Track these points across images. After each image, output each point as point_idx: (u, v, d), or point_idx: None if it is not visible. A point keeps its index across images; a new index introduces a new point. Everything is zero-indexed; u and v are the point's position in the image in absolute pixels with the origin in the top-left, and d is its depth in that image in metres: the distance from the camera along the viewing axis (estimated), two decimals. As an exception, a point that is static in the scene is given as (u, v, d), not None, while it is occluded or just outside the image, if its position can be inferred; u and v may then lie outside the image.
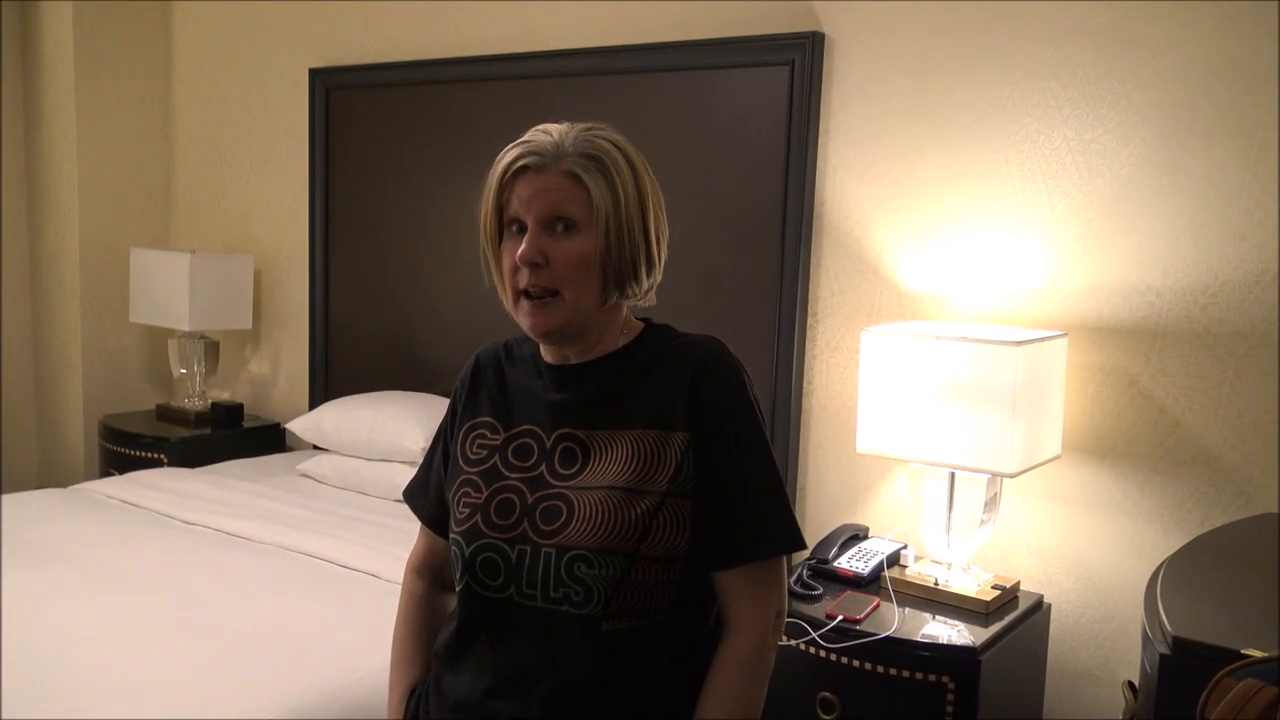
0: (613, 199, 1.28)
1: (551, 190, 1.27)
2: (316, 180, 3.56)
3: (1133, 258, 2.21)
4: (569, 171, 1.27)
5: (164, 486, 2.96)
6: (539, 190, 1.27)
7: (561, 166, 1.27)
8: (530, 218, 1.27)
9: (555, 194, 1.27)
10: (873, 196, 2.52)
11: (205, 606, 2.11)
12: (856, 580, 2.23)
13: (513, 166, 1.28)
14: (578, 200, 1.27)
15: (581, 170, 1.27)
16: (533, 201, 1.27)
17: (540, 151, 1.28)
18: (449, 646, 1.37)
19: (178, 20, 4.04)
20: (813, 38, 2.53)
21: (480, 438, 1.39)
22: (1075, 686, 2.33)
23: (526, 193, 1.27)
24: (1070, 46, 2.25)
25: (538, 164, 1.27)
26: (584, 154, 1.28)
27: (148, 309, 3.68)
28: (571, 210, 1.27)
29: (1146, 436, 2.22)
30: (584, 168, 1.27)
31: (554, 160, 1.27)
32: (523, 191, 1.28)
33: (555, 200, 1.27)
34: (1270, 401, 2.09)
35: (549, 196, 1.27)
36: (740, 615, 1.31)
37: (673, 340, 1.38)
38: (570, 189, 1.27)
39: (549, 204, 1.27)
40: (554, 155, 1.27)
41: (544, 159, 1.27)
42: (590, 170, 1.27)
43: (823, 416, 2.62)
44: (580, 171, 1.27)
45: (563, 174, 1.27)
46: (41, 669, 1.80)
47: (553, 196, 1.27)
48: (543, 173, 1.27)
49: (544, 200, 1.27)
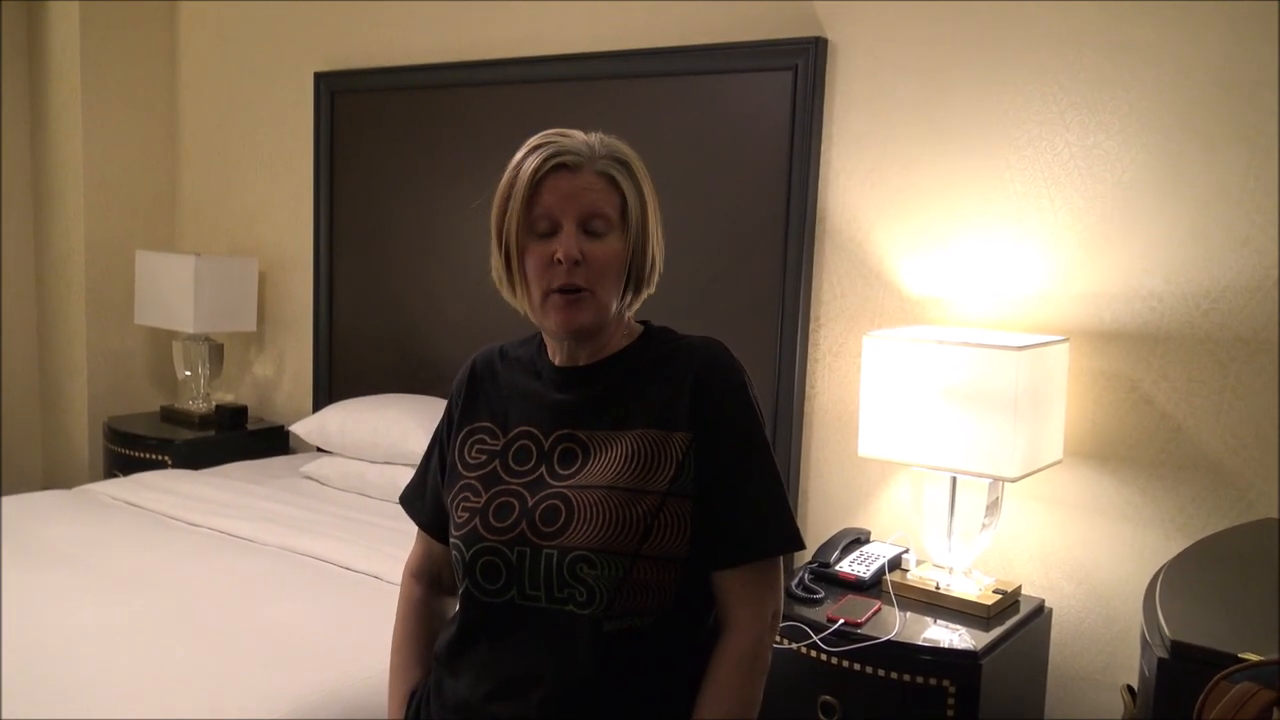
0: (640, 203, 1.32)
1: (588, 190, 1.28)
2: (321, 183, 3.57)
3: (1134, 263, 2.22)
4: (604, 173, 1.29)
5: (168, 488, 2.97)
6: (577, 189, 1.28)
7: (596, 167, 1.29)
8: (567, 216, 1.28)
9: (592, 194, 1.28)
10: (875, 201, 2.53)
11: (208, 608, 2.12)
12: (858, 584, 2.23)
13: (547, 164, 1.28)
14: (611, 202, 1.29)
15: (615, 172, 1.29)
16: (570, 200, 1.28)
17: (574, 151, 1.29)
18: (449, 649, 1.37)
19: (184, 23, 4.05)
20: (816, 43, 2.53)
21: (479, 443, 1.39)
22: (1076, 691, 2.33)
23: (563, 192, 1.28)
24: (1072, 53, 2.26)
25: (574, 163, 1.28)
26: (614, 157, 1.30)
27: (153, 311, 3.70)
28: (607, 210, 1.29)
29: (1148, 442, 2.22)
30: (617, 170, 1.30)
31: (588, 160, 1.29)
32: (558, 190, 1.28)
33: (593, 200, 1.28)
34: (1271, 407, 2.09)
35: (587, 196, 1.28)
36: (738, 615, 1.31)
37: (674, 342, 1.39)
38: (605, 190, 1.29)
39: (587, 203, 1.28)
40: (588, 155, 1.29)
41: (579, 158, 1.28)
42: (622, 173, 1.30)
43: (825, 420, 2.63)
44: (615, 173, 1.29)
45: (598, 175, 1.29)
46: (45, 670, 1.81)
47: (590, 196, 1.28)
48: (578, 172, 1.28)
49: (582, 199, 1.28)
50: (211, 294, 3.58)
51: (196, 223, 4.10)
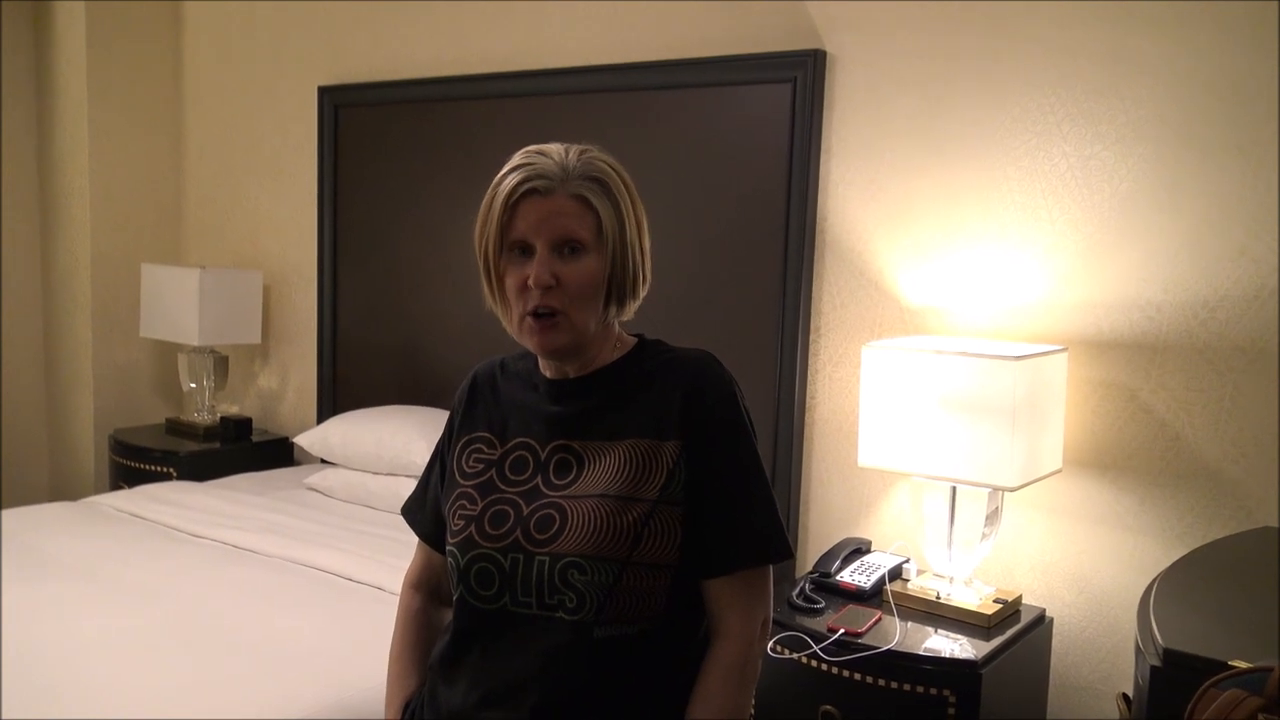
0: (618, 220, 1.31)
1: (560, 214, 1.28)
2: (325, 196, 3.59)
3: (1132, 273, 2.23)
4: (576, 195, 1.28)
5: (173, 500, 2.99)
6: (548, 214, 1.28)
7: (569, 190, 1.28)
8: (540, 241, 1.28)
9: (564, 218, 1.28)
10: (874, 212, 2.54)
11: (212, 618, 2.13)
12: (858, 594, 2.24)
13: (519, 190, 1.28)
14: (586, 223, 1.29)
15: (589, 193, 1.29)
16: (542, 225, 1.28)
17: (546, 174, 1.28)
18: (443, 657, 1.38)
19: (189, 38, 4.09)
20: (814, 55, 2.55)
21: (477, 452, 1.41)
22: (1077, 700, 2.34)
23: (535, 216, 1.28)
24: (1069, 64, 2.27)
25: (545, 187, 1.28)
26: (589, 176, 1.29)
27: (158, 324, 3.72)
28: (581, 233, 1.28)
29: (1147, 451, 2.23)
30: (591, 190, 1.29)
31: (560, 183, 1.28)
32: (530, 215, 1.28)
33: (565, 224, 1.28)
34: (1270, 415, 2.10)
35: (559, 221, 1.28)
36: (728, 622, 1.32)
37: (666, 354, 1.40)
38: (578, 212, 1.28)
39: (559, 228, 1.28)
40: (560, 178, 1.28)
41: (551, 182, 1.28)
42: (597, 193, 1.29)
43: (825, 431, 2.63)
44: (588, 194, 1.29)
45: (570, 197, 1.28)
46: (48, 679, 1.83)
47: (562, 221, 1.28)
48: (550, 196, 1.28)
49: (554, 224, 1.28)
50: (216, 307, 3.60)
51: (201, 236, 4.13)
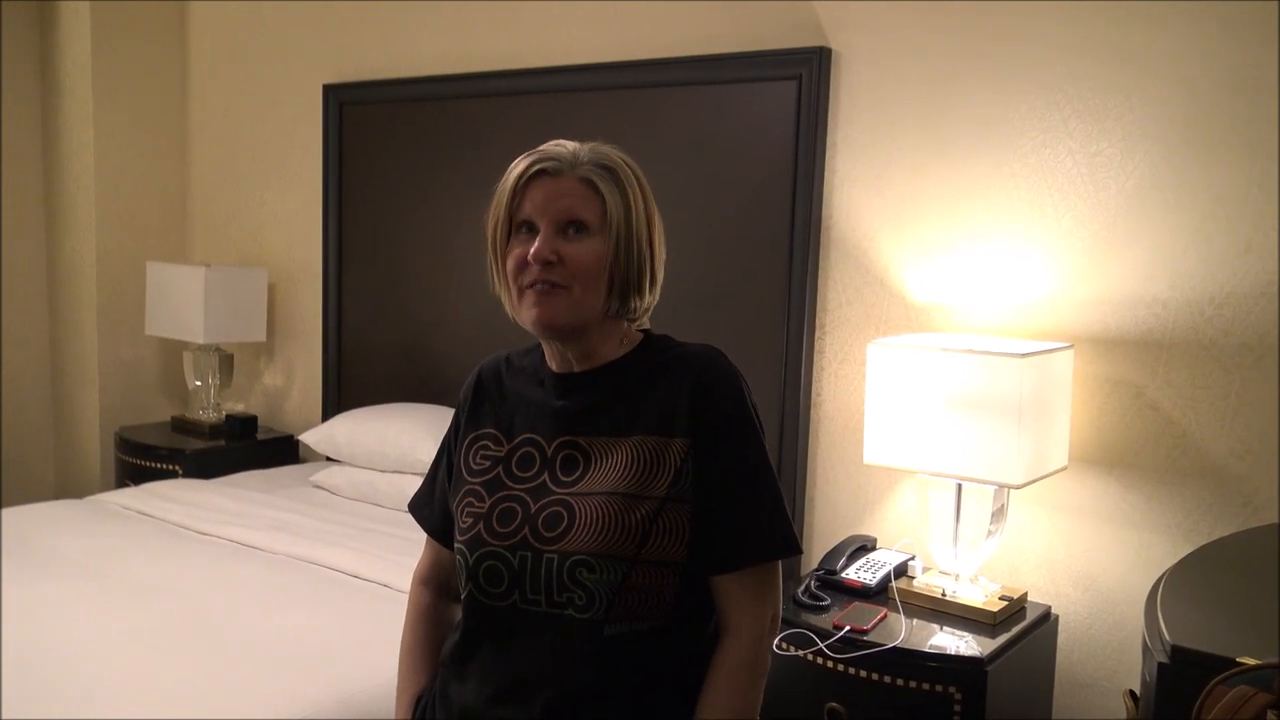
0: (624, 208, 1.32)
1: (567, 194, 1.30)
2: (330, 194, 3.59)
3: (1138, 270, 2.22)
4: (584, 178, 1.31)
5: (178, 498, 2.99)
6: (554, 194, 1.30)
7: (577, 173, 1.31)
8: (544, 220, 1.30)
9: (570, 198, 1.30)
10: (880, 209, 2.54)
11: (218, 616, 2.14)
12: (864, 591, 2.24)
13: (529, 171, 1.31)
14: (591, 206, 1.31)
15: (596, 178, 1.31)
16: (547, 205, 1.30)
17: (556, 158, 1.31)
18: (454, 654, 1.39)
19: (194, 37, 4.09)
20: (820, 53, 2.55)
21: (483, 449, 1.41)
22: (1083, 697, 2.33)
23: (541, 196, 1.30)
24: (1075, 60, 2.27)
25: (554, 169, 1.31)
26: (598, 164, 1.32)
27: (163, 322, 3.72)
28: (585, 214, 1.30)
29: (1153, 448, 2.23)
30: (599, 175, 1.31)
31: (570, 167, 1.31)
32: (537, 195, 1.30)
33: (570, 204, 1.30)
34: (1276, 412, 2.09)
35: (564, 201, 1.30)
36: (738, 619, 1.32)
37: (673, 349, 1.40)
38: (585, 195, 1.31)
39: (564, 208, 1.30)
40: (570, 163, 1.31)
41: (560, 164, 1.31)
42: (604, 178, 1.31)
43: (831, 428, 2.63)
44: (595, 179, 1.31)
45: (578, 180, 1.31)
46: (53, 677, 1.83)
47: (568, 201, 1.30)
48: (558, 178, 1.31)
49: (559, 204, 1.30)
50: (222, 305, 3.60)
51: (207, 234, 4.14)
